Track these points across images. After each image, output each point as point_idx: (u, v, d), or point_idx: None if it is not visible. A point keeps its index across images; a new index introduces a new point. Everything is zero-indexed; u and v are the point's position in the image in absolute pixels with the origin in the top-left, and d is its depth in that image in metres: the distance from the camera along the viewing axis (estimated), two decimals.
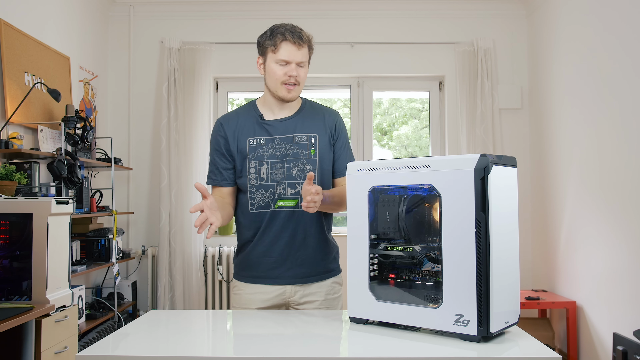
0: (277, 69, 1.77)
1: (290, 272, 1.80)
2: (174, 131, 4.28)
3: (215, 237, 4.41)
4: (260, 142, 1.80)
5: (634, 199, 2.94)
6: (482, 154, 1.27)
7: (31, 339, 2.19)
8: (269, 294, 1.80)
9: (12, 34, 3.06)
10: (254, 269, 1.82)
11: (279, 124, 1.83)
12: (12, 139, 2.90)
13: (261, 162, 1.79)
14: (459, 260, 1.28)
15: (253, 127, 1.82)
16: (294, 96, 1.80)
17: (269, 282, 1.80)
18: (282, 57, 1.75)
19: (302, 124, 1.83)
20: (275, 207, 1.78)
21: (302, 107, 1.89)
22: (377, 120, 4.81)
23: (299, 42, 1.75)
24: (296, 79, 1.77)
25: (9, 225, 2.35)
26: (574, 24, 3.65)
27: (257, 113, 1.86)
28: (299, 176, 1.78)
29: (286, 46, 1.75)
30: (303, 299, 1.81)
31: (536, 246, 4.27)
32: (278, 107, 1.85)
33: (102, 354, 1.23)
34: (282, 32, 1.76)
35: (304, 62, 1.78)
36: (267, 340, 1.41)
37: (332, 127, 1.87)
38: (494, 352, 1.21)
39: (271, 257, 1.80)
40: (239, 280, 1.87)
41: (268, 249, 1.80)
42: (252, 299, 1.81)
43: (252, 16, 4.41)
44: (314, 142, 1.81)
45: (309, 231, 1.80)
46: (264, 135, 1.81)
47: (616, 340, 2.53)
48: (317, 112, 1.89)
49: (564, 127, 3.79)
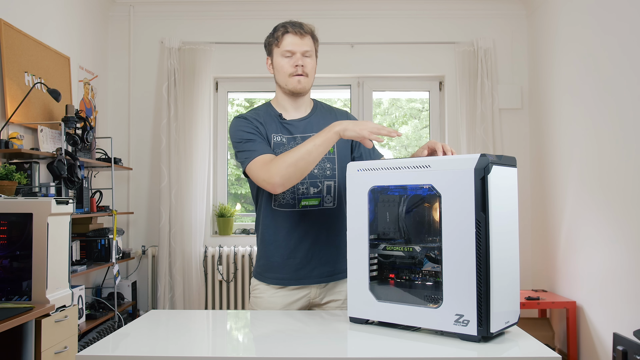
0: (284, 61, 1.77)
1: (315, 271, 1.78)
2: (174, 131, 4.28)
3: (215, 237, 4.41)
4: (283, 140, 1.78)
5: (634, 199, 2.94)
6: (482, 154, 1.27)
7: (31, 339, 2.19)
8: (293, 296, 1.78)
9: (12, 34, 3.06)
10: (279, 271, 1.79)
11: (298, 123, 1.82)
12: (12, 139, 2.90)
13: None
14: (459, 260, 1.28)
15: (275, 124, 1.80)
16: (305, 87, 1.79)
17: (294, 283, 1.78)
18: (286, 47, 1.76)
19: (318, 123, 1.83)
20: (299, 206, 1.77)
21: (315, 107, 1.89)
22: (377, 120, 4.81)
23: (301, 32, 1.76)
24: (303, 69, 1.76)
25: (9, 225, 2.35)
26: (574, 24, 3.65)
27: (276, 112, 1.83)
28: (321, 175, 1.78)
29: (288, 37, 1.76)
30: (326, 299, 1.81)
31: (536, 246, 4.27)
32: (292, 106, 1.83)
33: (102, 354, 1.23)
34: (284, 25, 1.78)
35: (309, 52, 1.78)
36: (267, 340, 1.41)
37: None
38: (494, 352, 1.21)
39: (296, 259, 1.77)
40: (262, 282, 1.81)
41: (293, 250, 1.77)
42: (275, 302, 1.78)
43: (252, 16, 4.41)
44: None
45: (332, 229, 1.80)
46: (285, 134, 1.79)
47: (616, 340, 2.53)
48: (330, 112, 1.91)
49: (564, 127, 3.79)
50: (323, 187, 1.78)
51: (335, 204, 1.80)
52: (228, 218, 4.36)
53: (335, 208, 1.80)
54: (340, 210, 1.81)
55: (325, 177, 1.78)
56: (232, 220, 4.40)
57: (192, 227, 4.23)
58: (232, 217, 4.39)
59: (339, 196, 1.81)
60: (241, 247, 4.28)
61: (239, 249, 4.27)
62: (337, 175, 1.80)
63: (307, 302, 1.80)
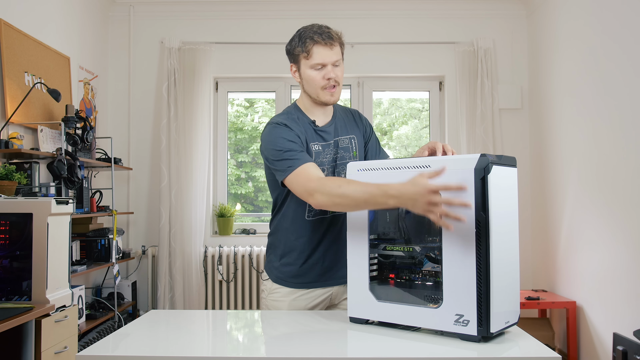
0: (314, 74, 1.72)
1: (340, 272, 1.78)
2: (174, 131, 4.28)
3: (215, 237, 4.41)
4: (319, 148, 1.76)
5: (634, 199, 2.94)
6: (482, 154, 1.27)
7: (31, 339, 2.19)
8: (317, 298, 1.78)
9: (12, 34, 3.06)
10: (305, 276, 1.77)
11: (328, 129, 1.80)
12: (12, 139, 2.90)
13: (323, 169, 1.74)
14: (459, 260, 1.28)
15: (311, 132, 1.77)
16: (337, 98, 1.77)
17: (318, 285, 1.77)
18: (317, 60, 1.70)
19: (341, 127, 1.82)
20: (330, 212, 1.75)
21: (335, 110, 1.87)
22: (377, 120, 4.81)
23: (330, 42, 1.70)
24: (335, 80, 1.72)
25: (9, 225, 2.35)
26: (574, 23, 3.65)
27: (309, 119, 1.79)
28: None
29: (318, 49, 1.69)
30: (341, 297, 1.81)
31: (536, 246, 4.27)
32: (321, 112, 1.81)
33: (102, 354, 1.23)
34: (311, 36, 1.70)
35: (338, 61, 1.73)
36: (267, 340, 1.41)
37: (363, 125, 1.89)
38: (494, 352, 1.21)
39: (325, 263, 1.77)
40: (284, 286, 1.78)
41: (322, 256, 1.76)
42: (299, 305, 1.76)
43: (252, 16, 4.41)
44: (354, 143, 1.83)
45: None
46: (320, 142, 1.77)
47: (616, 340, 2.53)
48: (346, 112, 1.90)
49: (564, 127, 3.79)
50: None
51: None
52: (228, 218, 4.36)
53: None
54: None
55: None
56: (232, 220, 4.40)
57: (192, 227, 4.23)
58: (232, 217, 4.39)
59: None
60: (241, 247, 4.28)
61: (239, 249, 4.27)
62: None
63: (328, 303, 1.80)
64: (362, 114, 1.95)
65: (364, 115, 1.95)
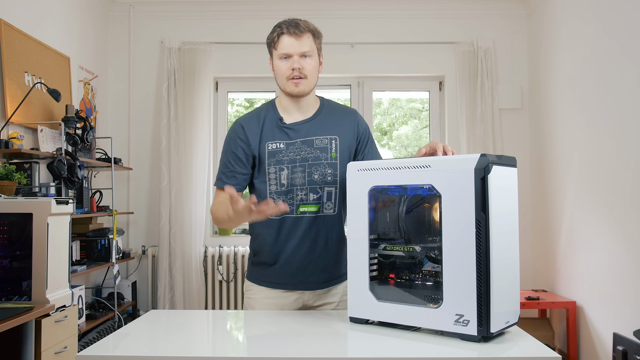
0: (281, 64, 1.72)
1: (312, 278, 1.76)
2: (174, 131, 4.28)
3: (215, 237, 4.41)
4: (280, 146, 1.73)
5: (634, 199, 2.94)
6: (482, 154, 1.27)
7: (31, 339, 2.19)
8: (287, 298, 1.77)
9: (12, 34, 3.06)
10: (275, 276, 1.77)
11: (300, 127, 1.76)
12: (12, 139, 2.90)
13: (281, 167, 1.72)
14: (459, 260, 1.28)
15: (273, 130, 1.75)
16: (303, 90, 1.73)
17: (289, 287, 1.76)
18: (283, 50, 1.70)
19: (322, 126, 1.77)
20: (297, 212, 1.73)
21: (321, 108, 1.83)
22: (377, 120, 4.81)
23: (296, 33, 1.69)
24: (300, 71, 1.70)
25: (9, 225, 2.35)
26: (574, 23, 3.65)
27: (277, 116, 1.78)
28: (321, 180, 1.73)
29: (284, 39, 1.70)
30: (319, 301, 1.79)
31: (536, 246, 4.27)
32: (295, 107, 1.78)
33: (102, 354, 1.23)
34: (280, 26, 1.72)
35: (308, 52, 1.71)
36: (267, 340, 1.41)
37: (356, 128, 1.82)
38: (494, 352, 1.21)
39: (293, 265, 1.75)
40: (256, 284, 1.80)
41: (290, 257, 1.74)
42: (270, 303, 1.77)
43: (252, 16, 4.41)
44: (334, 145, 1.76)
45: (330, 236, 1.76)
46: (284, 139, 1.74)
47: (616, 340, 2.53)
48: (336, 112, 1.84)
49: (564, 127, 3.79)
50: (323, 193, 1.73)
51: (336, 210, 1.76)
52: None
53: (336, 215, 1.77)
54: (340, 217, 1.78)
55: (325, 183, 1.74)
56: None
57: (192, 227, 4.23)
58: None
59: (339, 202, 1.77)
60: (241, 247, 4.28)
61: (239, 249, 4.27)
62: (338, 181, 1.75)
63: (301, 304, 1.79)
64: (360, 118, 1.87)
65: (362, 119, 1.88)
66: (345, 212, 1.83)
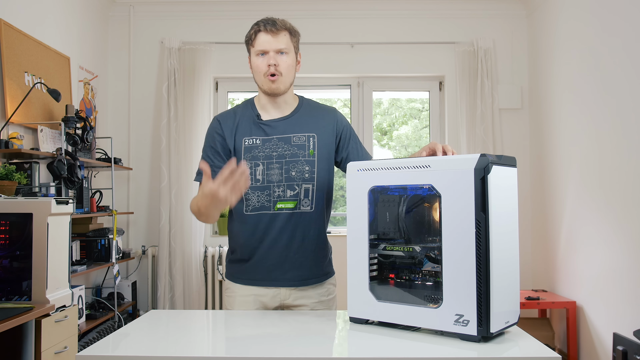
0: (258, 61, 1.75)
1: (288, 274, 1.76)
2: (174, 131, 4.28)
3: (215, 237, 4.41)
4: (257, 142, 1.76)
5: (634, 199, 2.94)
6: (482, 154, 1.27)
7: (31, 339, 2.19)
8: (264, 296, 1.77)
9: (12, 34, 3.06)
10: (250, 272, 1.78)
11: (277, 124, 1.79)
12: (12, 139, 2.90)
13: (257, 163, 1.75)
14: (459, 260, 1.28)
15: (249, 126, 1.78)
16: (279, 87, 1.76)
17: (265, 284, 1.77)
18: (259, 47, 1.74)
19: (300, 124, 1.79)
20: (275, 209, 1.75)
21: (299, 106, 1.85)
22: (377, 120, 4.81)
23: (273, 29, 1.73)
24: (276, 68, 1.73)
25: (9, 225, 2.35)
26: (574, 23, 3.65)
27: (255, 112, 1.81)
28: (298, 177, 1.75)
29: (260, 36, 1.74)
30: (297, 300, 1.79)
31: (536, 246, 4.27)
32: (272, 105, 1.81)
33: (102, 354, 1.23)
34: (257, 24, 1.76)
35: (284, 49, 1.74)
36: (267, 341, 1.41)
37: (334, 126, 1.83)
38: (494, 352, 1.21)
39: (269, 261, 1.76)
40: (233, 282, 1.82)
41: (266, 253, 1.76)
42: (247, 301, 1.78)
43: (252, 16, 4.35)
44: (312, 142, 1.78)
45: (308, 234, 1.77)
46: (260, 135, 1.77)
47: (616, 340, 2.53)
48: (315, 111, 1.85)
49: (564, 127, 3.79)
50: (300, 190, 1.75)
51: (314, 207, 1.77)
52: None
53: (313, 212, 1.77)
54: (318, 214, 1.79)
55: (303, 180, 1.75)
56: None
57: (192, 227, 4.23)
58: None
59: (317, 200, 1.77)
60: None
61: None
62: (316, 178, 1.76)
63: (278, 302, 1.79)
64: (340, 116, 1.88)
65: (342, 117, 1.89)
66: (329, 211, 1.87)
